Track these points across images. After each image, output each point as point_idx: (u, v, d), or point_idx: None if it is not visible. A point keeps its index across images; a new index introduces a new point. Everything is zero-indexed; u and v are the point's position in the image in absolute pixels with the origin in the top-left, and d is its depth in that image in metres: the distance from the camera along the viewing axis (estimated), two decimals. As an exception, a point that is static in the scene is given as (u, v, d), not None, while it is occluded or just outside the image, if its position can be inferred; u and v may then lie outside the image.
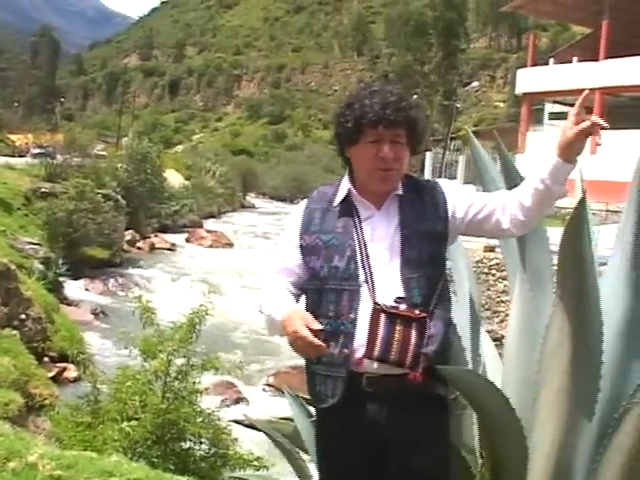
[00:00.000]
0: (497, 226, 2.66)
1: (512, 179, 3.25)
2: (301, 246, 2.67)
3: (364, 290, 2.57)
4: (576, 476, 3.07)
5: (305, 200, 2.80)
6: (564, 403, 3.02)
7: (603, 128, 2.43)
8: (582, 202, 2.78)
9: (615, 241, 3.32)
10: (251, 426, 4.23)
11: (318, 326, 2.42)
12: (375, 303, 2.53)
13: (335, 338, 2.57)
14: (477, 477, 3.29)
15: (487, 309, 15.59)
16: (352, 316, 2.56)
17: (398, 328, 2.50)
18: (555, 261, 3.07)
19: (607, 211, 19.26)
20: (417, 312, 2.54)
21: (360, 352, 2.54)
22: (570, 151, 2.48)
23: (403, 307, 2.53)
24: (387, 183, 2.64)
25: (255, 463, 6.13)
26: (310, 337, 2.39)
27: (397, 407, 2.56)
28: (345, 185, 2.71)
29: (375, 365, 2.53)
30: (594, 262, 3.34)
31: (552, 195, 2.55)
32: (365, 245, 2.60)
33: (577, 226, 2.87)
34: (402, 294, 2.55)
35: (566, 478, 3.06)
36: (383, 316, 2.51)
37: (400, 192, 2.66)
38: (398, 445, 2.58)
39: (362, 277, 2.57)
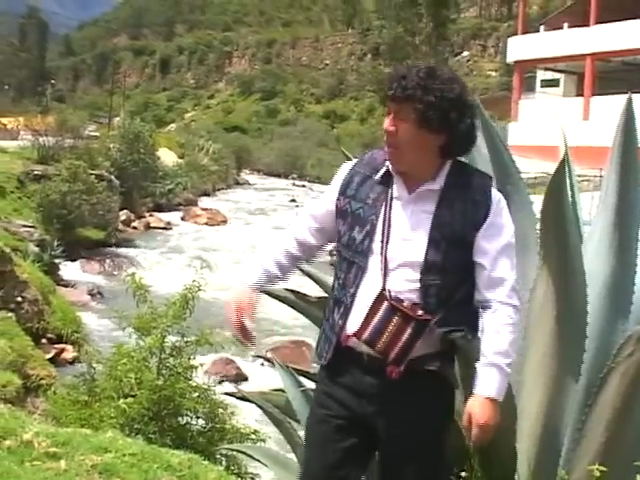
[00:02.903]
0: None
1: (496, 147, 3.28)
2: (336, 207, 2.63)
3: (374, 270, 2.50)
4: (563, 435, 3.12)
5: (355, 160, 2.70)
6: (550, 364, 3.06)
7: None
8: (562, 166, 2.82)
9: (599, 204, 3.35)
10: (243, 398, 4.28)
11: (251, 331, 2.66)
12: (383, 289, 2.46)
13: (338, 306, 2.57)
14: (467, 439, 3.33)
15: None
16: (352, 290, 2.53)
17: (395, 320, 2.43)
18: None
19: (601, 177, 19.25)
20: (420, 313, 2.44)
21: (350, 329, 2.51)
22: None
23: (407, 304, 2.45)
24: (391, 161, 2.52)
25: (252, 436, 6.18)
26: (237, 328, 2.66)
27: (390, 386, 2.49)
28: None
29: (363, 346, 2.49)
30: (578, 225, 3.37)
31: None
32: (389, 225, 2.50)
33: (558, 190, 2.90)
34: (417, 300, 2.45)
35: (553, 437, 3.11)
36: (385, 304, 2.45)
37: (437, 187, 2.50)
38: (389, 422, 2.53)
39: (373, 256, 2.50)
